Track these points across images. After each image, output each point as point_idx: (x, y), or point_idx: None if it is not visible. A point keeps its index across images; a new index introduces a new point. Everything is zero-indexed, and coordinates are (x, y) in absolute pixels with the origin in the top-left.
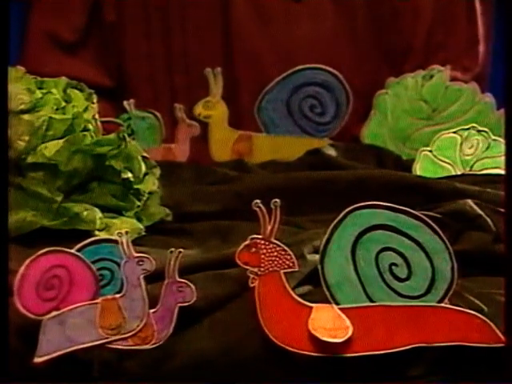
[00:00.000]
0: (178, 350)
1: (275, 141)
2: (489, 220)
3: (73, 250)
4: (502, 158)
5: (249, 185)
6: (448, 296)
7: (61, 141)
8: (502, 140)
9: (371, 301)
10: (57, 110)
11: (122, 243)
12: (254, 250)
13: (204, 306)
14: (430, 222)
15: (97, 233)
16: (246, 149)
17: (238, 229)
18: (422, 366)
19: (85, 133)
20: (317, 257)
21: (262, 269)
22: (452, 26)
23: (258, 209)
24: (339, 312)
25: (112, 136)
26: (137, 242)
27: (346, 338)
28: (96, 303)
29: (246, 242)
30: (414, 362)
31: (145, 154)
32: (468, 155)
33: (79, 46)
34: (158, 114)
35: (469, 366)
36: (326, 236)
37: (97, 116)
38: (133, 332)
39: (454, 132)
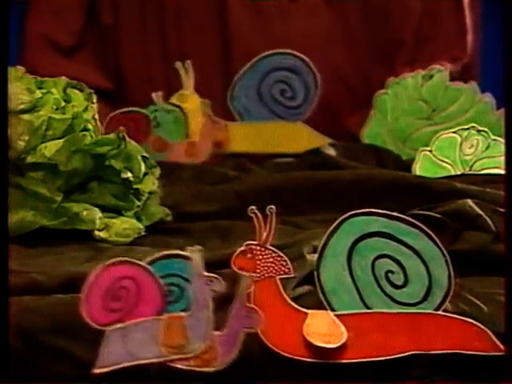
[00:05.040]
0: None
1: (249, 128)
2: (489, 220)
3: (143, 263)
4: (502, 158)
5: (249, 185)
6: (445, 303)
7: (61, 141)
8: (501, 140)
9: (367, 308)
10: (56, 109)
11: (193, 260)
12: (249, 255)
13: None
14: (426, 229)
15: (96, 232)
16: (222, 138)
17: (238, 229)
18: (419, 370)
19: (85, 133)
20: (317, 257)
21: (258, 274)
22: (440, 18)
23: (253, 215)
24: (334, 318)
25: (112, 136)
26: (137, 242)
27: (340, 343)
28: (161, 320)
29: (242, 248)
30: (411, 366)
31: (144, 154)
32: (468, 155)
33: (77, 49)
34: (184, 109)
35: (468, 369)
36: (322, 242)
37: (96, 116)
38: (196, 353)
39: (454, 132)
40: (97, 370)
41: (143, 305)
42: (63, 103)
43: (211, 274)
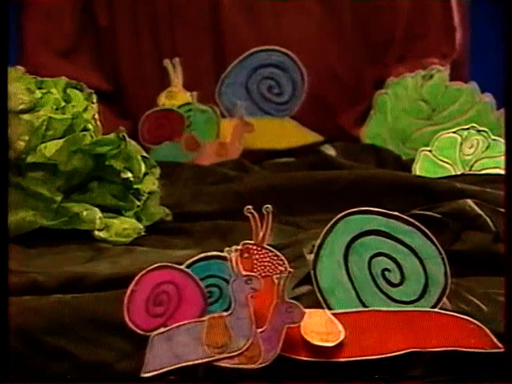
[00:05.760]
0: None
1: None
2: (489, 220)
3: (182, 267)
4: (502, 158)
5: (249, 185)
6: (442, 301)
7: (61, 141)
8: (501, 140)
9: (364, 306)
10: (56, 109)
11: (231, 260)
12: (246, 255)
13: None
14: (422, 227)
15: (96, 232)
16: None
17: (238, 229)
18: (418, 370)
19: (85, 133)
20: (313, 256)
21: (255, 274)
22: (428, 15)
23: (250, 215)
24: (331, 317)
25: (112, 136)
26: (137, 242)
27: (337, 342)
28: (203, 321)
29: (239, 247)
30: (410, 365)
31: (144, 154)
32: (468, 155)
33: (74, 51)
34: (216, 109)
35: (467, 368)
36: (319, 241)
37: (97, 116)
38: (239, 351)
39: (454, 132)
40: (144, 375)
41: (185, 307)
42: (63, 103)
43: (250, 273)
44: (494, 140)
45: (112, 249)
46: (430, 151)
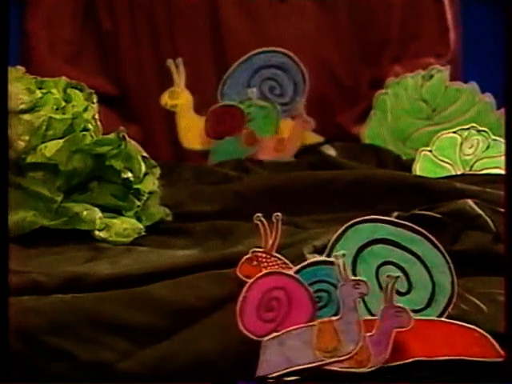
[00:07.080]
0: (178, 350)
1: None
2: (489, 220)
3: (291, 272)
4: (502, 158)
5: (249, 185)
6: (448, 309)
7: (61, 141)
8: (501, 140)
9: (371, 314)
10: (57, 109)
11: (339, 266)
12: (255, 263)
13: (204, 306)
14: (429, 235)
15: (97, 232)
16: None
17: (238, 229)
18: (421, 372)
19: (85, 133)
20: (317, 257)
21: None
22: (422, 16)
23: (259, 222)
24: None
25: (112, 136)
26: (137, 242)
27: None
28: (313, 325)
29: (248, 256)
30: (413, 368)
31: (144, 154)
32: (468, 155)
33: (79, 57)
34: (277, 106)
35: (469, 370)
36: (327, 250)
37: (97, 116)
38: (349, 355)
39: (454, 132)
40: None
41: (295, 313)
42: (63, 103)
43: (358, 278)
44: (494, 140)
45: (112, 249)
46: (430, 151)
